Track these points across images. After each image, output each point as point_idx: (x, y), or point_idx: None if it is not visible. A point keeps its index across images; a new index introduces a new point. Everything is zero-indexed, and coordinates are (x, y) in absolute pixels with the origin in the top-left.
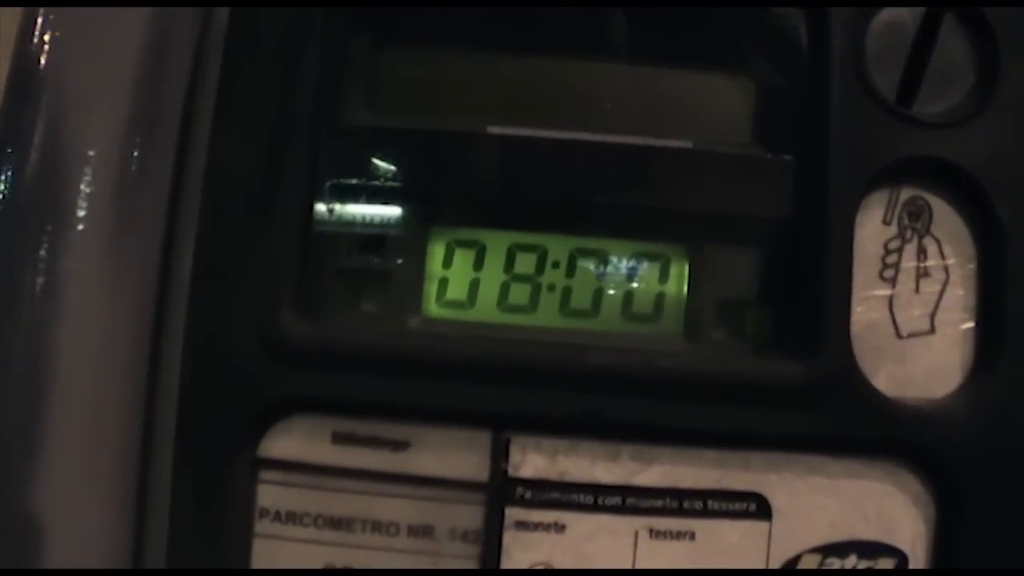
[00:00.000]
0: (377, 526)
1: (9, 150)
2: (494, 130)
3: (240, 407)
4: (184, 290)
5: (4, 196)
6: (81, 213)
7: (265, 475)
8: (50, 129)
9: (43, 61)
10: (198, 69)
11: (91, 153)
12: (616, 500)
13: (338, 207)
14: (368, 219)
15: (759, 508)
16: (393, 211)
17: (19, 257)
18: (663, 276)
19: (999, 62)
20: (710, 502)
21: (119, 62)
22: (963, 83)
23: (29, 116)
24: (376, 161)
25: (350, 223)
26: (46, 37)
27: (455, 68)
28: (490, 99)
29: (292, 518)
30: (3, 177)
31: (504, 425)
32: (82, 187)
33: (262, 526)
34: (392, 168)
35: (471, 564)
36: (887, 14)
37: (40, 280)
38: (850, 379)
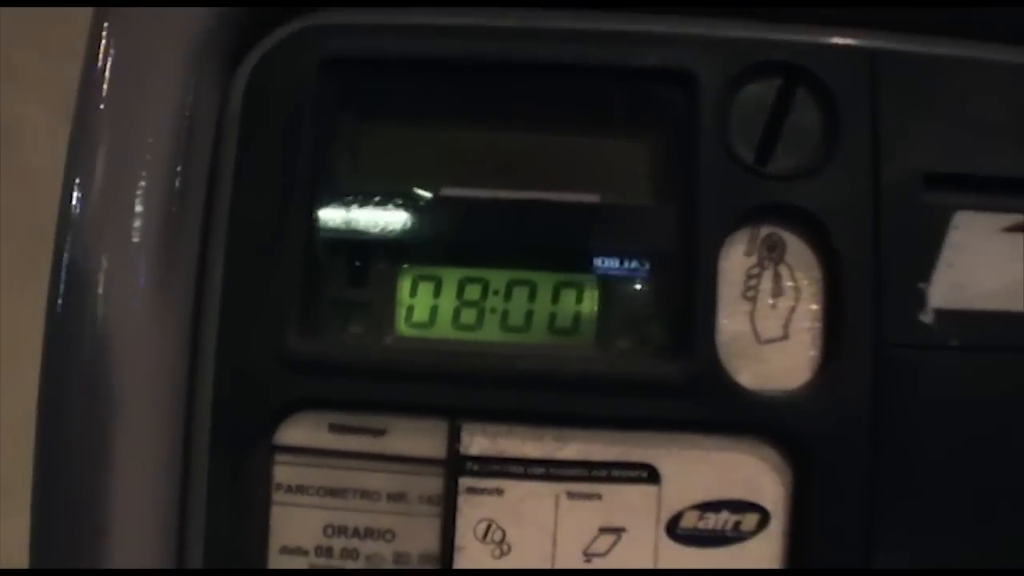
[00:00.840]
0: (364, 494)
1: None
2: (446, 191)
3: (259, 406)
4: (215, 317)
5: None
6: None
7: (279, 458)
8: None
9: (100, 129)
10: (219, 141)
11: (139, 210)
12: (542, 470)
13: (330, 252)
14: (353, 261)
15: (650, 475)
16: (372, 255)
17: (87, 274)
18: (579, 299)
19: (839, 125)
20: (612, 471)
21: (161, 136)
22: (810, 142)
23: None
24: (358, 216)
25: (339, 264)
26: (101, 107)
27: (417, 141)
28: (444, 166)
29: (300, 490)
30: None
31: (457, 415)
32: (134, 240)
33: (278, 496)
34: (370, 221)
35: (435, 521)
36: (750, 89)
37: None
38: (717, 376)
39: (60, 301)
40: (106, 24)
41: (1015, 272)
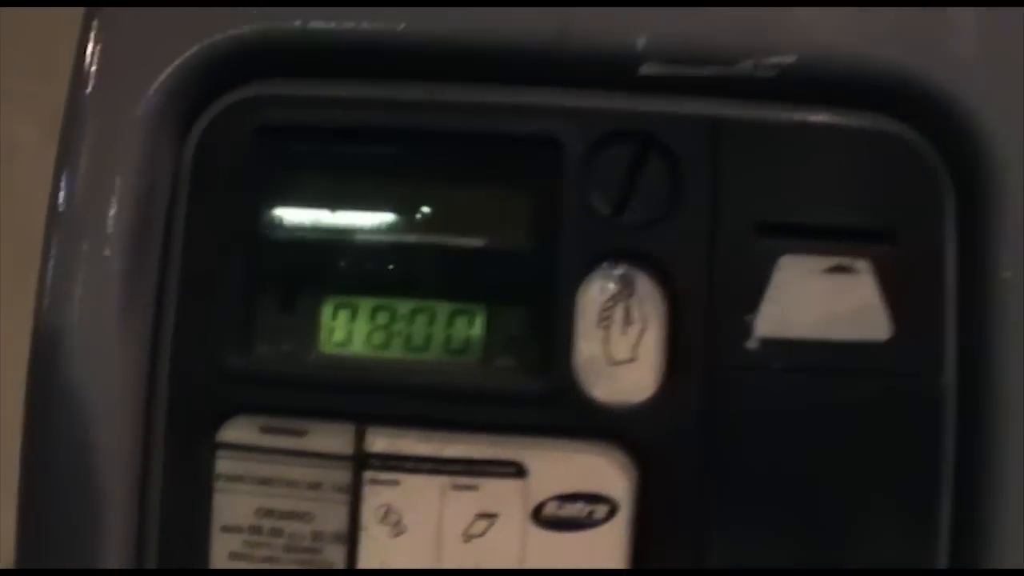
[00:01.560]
0: (288, 483)
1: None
2: (361, 236)
3: (204, 411)
4: (169, 338)
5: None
6: (105, 289)
7: (220, 453)
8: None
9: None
10: (175, 193)
11: (107, 253)
12: (430, 466)
13: (264, 285)
14: (284, 292)
15: (518, 471)
16: (300, 287)
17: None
18: (470, 324)
19: (683, 182)
20: (487, 467)
21: (128, 187)
22: (659, 197)
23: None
24: (287, 255)
25: (273, 294)
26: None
27: (337, 194)
28: (359, 215)
29: (237, 479)
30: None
31: (363, 420)
32: (105, 274)
33: (219, 484)
34: (298, 260)
35: (344, 506)
36: (608, 152)
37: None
38: (574, 391)
39: (45, 319)
40: (82, 90)
41: (830, 306)
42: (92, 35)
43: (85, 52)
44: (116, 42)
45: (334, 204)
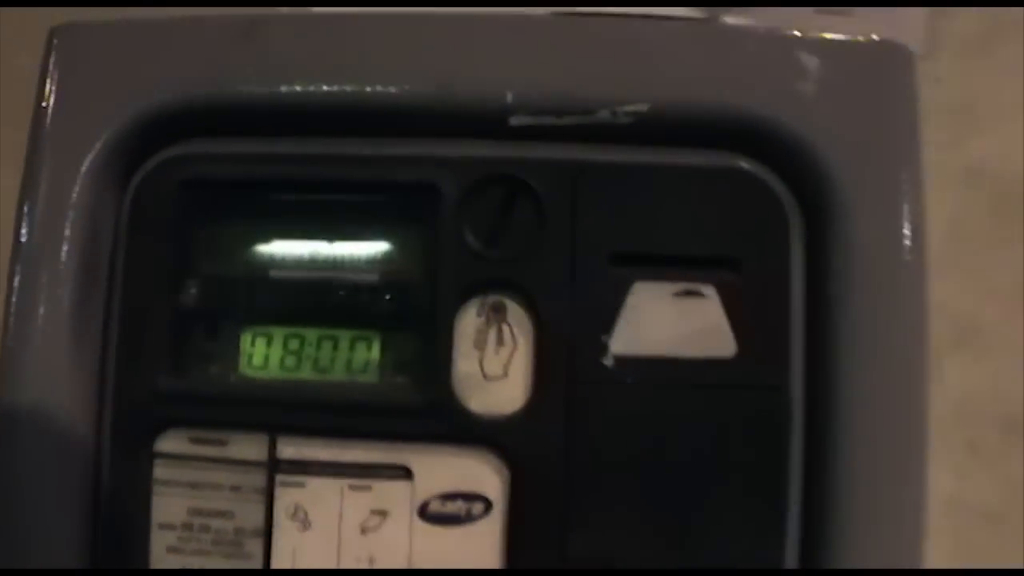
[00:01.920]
0: (213, 486)
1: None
2: (274, 274)
3: (143, 425)
4: (113, 363)
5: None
6: (58, 323)
7: (157, 461)
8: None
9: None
10: (116, 237)
11: (59, 290)
12: (331, 470)
13: (192, 317)
14: (208, 323)
15: (405, 473)
16: (222, 319)
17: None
18: (368, 349)
19: (547, 220)
20: (379, 470)
21: (77, 232)
22: (526, 233)
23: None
24: (211, 292)
25: (199, 325)
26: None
27: (252, 237)
28: (272, 255)
29: (171, 483)
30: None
31: (275, 431)
32: (58, 309)
33: (156, 487)
34: (220, 295)
35: (261, 505)
36: (481, 195)
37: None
38: (453, 403)
39: (9, 343)
40: (36, 150)
41: (679, 327)
42: (46, 99)
43: (43, 104)
44: (64, 108)
45: (250, 246)
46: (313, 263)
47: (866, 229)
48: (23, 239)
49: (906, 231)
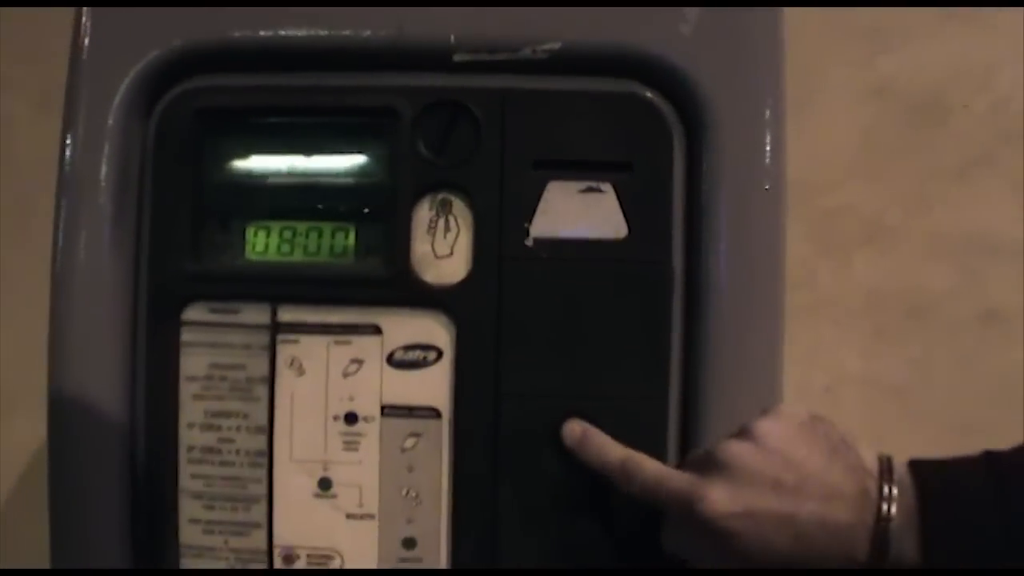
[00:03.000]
0: (229, 345)
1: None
2: (271, 180)
3: (171, 299)
4: (146, 254)
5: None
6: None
7: (184, 327)
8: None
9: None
10: (144, 158)
11: (100, 201)
12: (320, 329)
13: (207, 215)
14: (220, 219)
15: (376, 330)
16: (230, 216)
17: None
18: (345, 237)
19: (481, 135)
20: (356, 328)
21: (113, 155)
22: (466, 144)
23: (71, 170)
24: (223, 195)
25: (213, 221)
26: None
27: (255, 150)
28: (270, 165)
29: (194, 345)
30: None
31: (276, 301)
32: (100, 211)
33: (183, 349)
34: (230, 198)
35: (265, 358)
36: (432, 114)
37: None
38: (411, 276)
39: (61, 247)
40: (74, 87)
41: (583, 216)
42: (82, 46)
43: (79, 52)
44: (97, 52)
45: (251, 160)
46: (301, 172)
47: (732, 139)
48: (67, 162)
49: (766, 142)
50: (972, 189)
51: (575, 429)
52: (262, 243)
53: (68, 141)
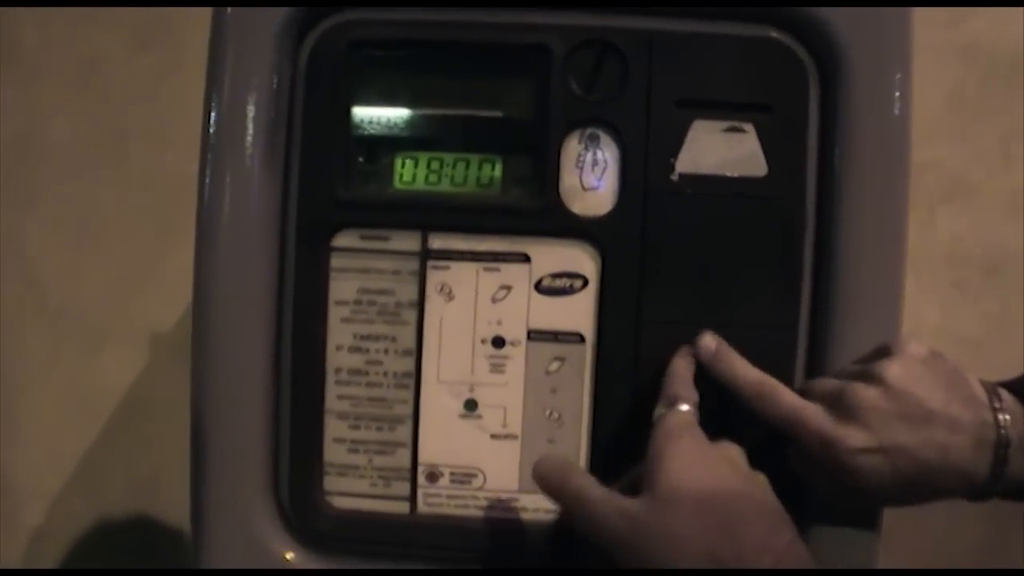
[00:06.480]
0: (378, 271)
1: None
2: (419, 111)
3: (322, 226)
4: (296, 183)
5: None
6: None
7: (334, 254)
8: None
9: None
10: (294, 89)
11: (251, 131)
12: (470, 256)
13: (357, 146)
14: (370, 150)
15: (525, 258)
16: (381, 147)
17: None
18: (493, 168)
19: (629, 74)
20: (506, 256)
21: (263, 85)
22: (615, 81)
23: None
24: (373, 127)
25: (363, 152)
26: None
27: (404, 85)
28: (419, 98)
29: (344, 270)
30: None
31: (425, 228)
32: (249, 141)
33: (333, 275)
34: (380, 129)
35: (415, 284)
36: (582, 52)
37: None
38: (560, 208)
39: (210, 168)
40: (223, 22)
41: (726, 154)
42: None
43: None
44: None
45: (401, 92)
46: (451, 104)
47: (865, 85)
48: (218, 95)
49: (896, 90)
50: None
51: (710, 343)
52: (410, 173)
53: (217, 74)
